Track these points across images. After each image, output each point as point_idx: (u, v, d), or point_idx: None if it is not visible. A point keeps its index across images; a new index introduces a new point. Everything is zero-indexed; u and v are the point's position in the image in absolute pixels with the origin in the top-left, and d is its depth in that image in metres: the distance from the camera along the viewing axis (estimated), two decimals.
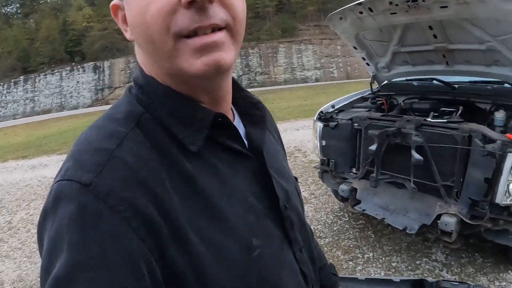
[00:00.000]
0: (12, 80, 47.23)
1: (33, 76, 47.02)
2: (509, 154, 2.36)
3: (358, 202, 3.13)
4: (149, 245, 0.45)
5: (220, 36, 0.50)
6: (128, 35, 0.57)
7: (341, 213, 4.17)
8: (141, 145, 0.51)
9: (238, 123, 0.67)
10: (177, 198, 0.50)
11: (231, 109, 0.68)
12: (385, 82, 4.24)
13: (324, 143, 3.57)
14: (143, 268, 0.44)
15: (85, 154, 0.49)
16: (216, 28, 0.50)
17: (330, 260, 3.19)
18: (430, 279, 1.73)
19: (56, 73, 46.53)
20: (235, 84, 0.68)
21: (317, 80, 40.60)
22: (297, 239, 0.67)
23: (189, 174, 0.53)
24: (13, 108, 46.24)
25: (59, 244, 0.43)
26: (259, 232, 0.58)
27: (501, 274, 2.81)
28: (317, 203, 4.47)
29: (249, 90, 0.75)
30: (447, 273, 2.88)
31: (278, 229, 0.63)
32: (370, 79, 4.29)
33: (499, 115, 2.84)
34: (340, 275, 2.58)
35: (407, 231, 2.64)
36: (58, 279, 0.42)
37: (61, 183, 0.46)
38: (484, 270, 2.87)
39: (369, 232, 3.67)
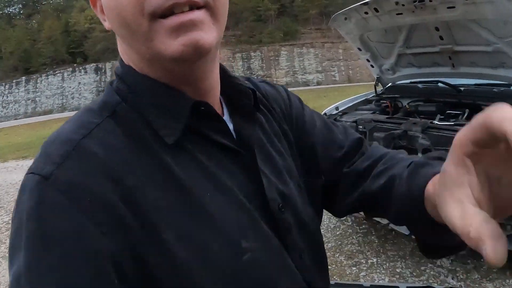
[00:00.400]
0: (14, 81, 47.45)
1: (34, 76, 47.25)
2: None
3: None
4: (117, 243, 0.41)
5: (198, 14, 0.46)
6: (106, 25, 0.54)
7: (344, 217, 4.11)
8: (112, 135, 0.47)
9: (227, 116, 0.62)
10: (153, 192, 0.46)
11: (220, 101, 0.62)
12: (390, 84, 4.22)
13: None
14: (109, 269, 0.40)
15: (51, 145, 0.46)
16: (194, 6, 0.46)
17: (333, 265, 3.14)
18: (436, 285, 1.67)
19: (58, 74, 46.76)
20: (223, 71, 0.62)
21: (318, 83, 40.73)
22: (295, 245, 0.60)
23: (167, 167, 0.49)
24: (15, 109, 46.42)
25: (18, 240, 0.40)
26: (252, 234, 0.53)
27: (507, 281, 2.76)
28: None
29: None
30: (452, 279, 2.83)
31: (274, 232, 0.57)
32: (372, 82, 4.28)
33: None
34: (343, 282, 2.52)
35: (413, 236, 2.58)
36: (15, 277, 0.39)
37: (26, 176, 0.44)
38: (490, 276, 2.82)
39: (372, 237, 3.61)
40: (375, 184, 0.65)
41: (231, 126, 0.60)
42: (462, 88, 3.37)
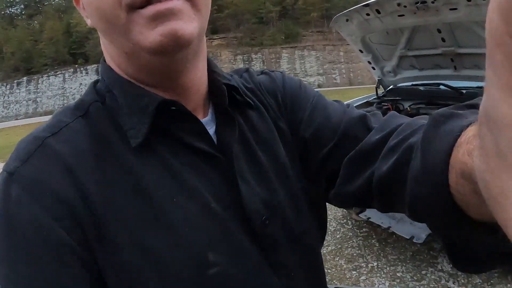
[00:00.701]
0: (15, 81, 47.58)
1: (36, 77, 47.38)
2: None
3: (363, 209, 3.05)
4: (76, 238, 0.43)
5: (177, 3, 0.44)
6: (89, 22, 0.53)
7: (344, 220, 4.08)
8: (79, 134, 0.48)
9: (211, 117, 0.57)
10: (110, 194, 0.45)
11: (208, 102, 0.58)
12: (391, 86, 4.20)
13: None
14: (71, 259, 0.42)
15: (22, 143, 0.47)
16: None
17: (333, 269, 3.11)
18: None
19: (59, 75, 46.88)
20: (208, 66, 0.58)
21: (319, 86, 40.75)
22: (282, 261, 0.55)
23: (131, 169, 0.47)
24: (16, 109, 46.54)
25: None
26: (223, 247, 0.49)
27: (508, 285, 2.72)
28: None
29: None
30: (453, 283, 2.79)
31: (256, 247, 0.52)
32: (373, 85, 4.26)
33: None
34: (343, 286, 2.48)
35: (414, 240, 2.56)
36: None
37: (0, 172, 0.46)
38: (492, 281, 2.78)
39: (373, 241, 3.58)
40: (386, 163, 0.48)
41: (213, 128, 0.56)
42: (464, 91, 3.34)
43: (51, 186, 0.43)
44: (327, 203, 0.67)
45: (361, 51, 4.01)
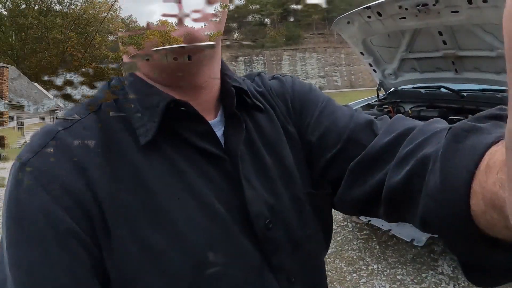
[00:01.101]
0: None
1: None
2: None
3: None
4: (84, 228, 0.44)
5: None
6: None
7: (345, 222, 4.07)
8: (89, 130, 0.49)
9: (220, 119, 0.58)
10: (114, 188, 0.47)
11: (220, 104, 0.59)
12: (392, 89, 4.19)
13: None
14: (77, 247, 0.43)
15: (36, 135, 0.49)
16: None
17: (333, 272, 3.10)
18: None
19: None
20: (222, 68, 0.59)
21: (320, 88, 40.50)
22: (283, 266, 0.54)
23: (137, 166, 0.49)
24: None
25: (3, 219, 0.45)
26: (224, 247, 0.49)
27: None
28: None
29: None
30: (454, 286, 2.78)
31: (258, 250, 0.52)
32: (374, 88, 4.25)
33: None
34: None
35: (415, 243, 2.55)
36: (1, 252, 0.44)
37: (13, 162, 0.48)
38: None
39: (373, 243, 3.57)
40: (399, 174, 0.46)
41: (222, 130, 0.56)
42: (465, 94, 3.34)
43: (61, 177, 0.45)
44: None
45: (362, 53, 4.00)
